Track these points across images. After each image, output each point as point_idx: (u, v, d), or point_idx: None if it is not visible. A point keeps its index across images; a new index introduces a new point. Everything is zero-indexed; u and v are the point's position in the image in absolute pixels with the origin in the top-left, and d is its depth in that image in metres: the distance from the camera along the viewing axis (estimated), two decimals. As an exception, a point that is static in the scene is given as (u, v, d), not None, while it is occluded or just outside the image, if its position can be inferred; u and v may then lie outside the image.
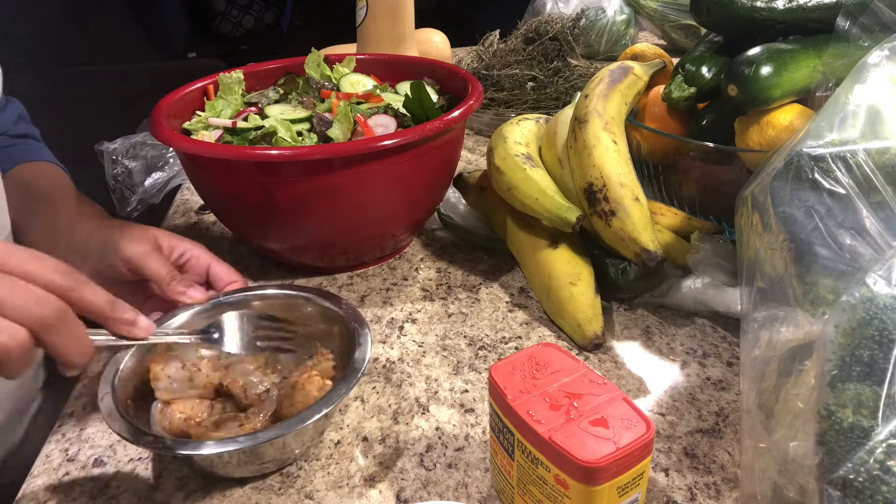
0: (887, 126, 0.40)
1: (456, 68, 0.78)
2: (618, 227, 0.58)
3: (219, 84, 0.77)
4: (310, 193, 0.60)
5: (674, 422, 0.51)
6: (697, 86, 0.67)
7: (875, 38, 0.51)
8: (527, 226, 0.68)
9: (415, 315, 0.64)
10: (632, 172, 0.60)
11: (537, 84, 1.06)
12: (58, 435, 0.52)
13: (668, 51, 0.81)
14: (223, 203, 0.66)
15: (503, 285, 0.69)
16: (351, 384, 0.45)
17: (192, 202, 0.90)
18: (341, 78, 0.80)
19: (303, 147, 0.60)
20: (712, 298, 0.60)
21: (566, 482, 0.36)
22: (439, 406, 0.53)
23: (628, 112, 0.68)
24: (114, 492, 0.47)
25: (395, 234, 0.69)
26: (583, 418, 0.37)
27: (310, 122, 0.69)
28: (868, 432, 0.30)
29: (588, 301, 0.60)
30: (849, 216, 0.38)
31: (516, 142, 0.69)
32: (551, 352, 0.42)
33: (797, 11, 0.62)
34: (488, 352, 0.59)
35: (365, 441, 0.50)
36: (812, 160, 0.40)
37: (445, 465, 0.48)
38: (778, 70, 0.58)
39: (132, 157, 0.93)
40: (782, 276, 0.39)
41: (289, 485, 0.47)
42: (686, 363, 0.57)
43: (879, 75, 0.41)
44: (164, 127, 0.62)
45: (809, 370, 0.34)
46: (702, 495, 0.45)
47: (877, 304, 0.32)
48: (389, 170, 0.61)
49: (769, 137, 0.60)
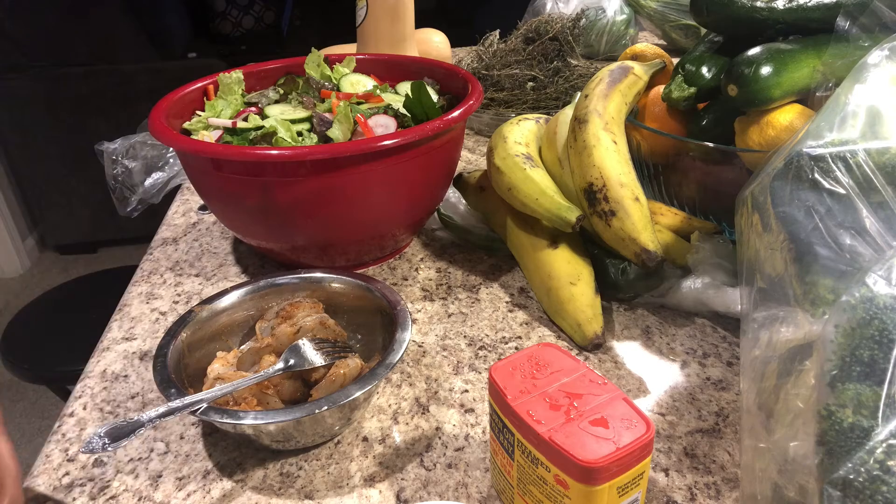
0: (887, 126, 0.40)
1: (456, 68, 0.78)
2: (618, 227, 0.58)
3: (219, 84, 0.77)
4: (310, 193, 0.60)
5: (674, 422, 0.51)
6: (697, 86, 0.67)
7: (875, 38, 0.51)
8: (527, 226, 0.68)
9: (415, 315, 0.64)
10: (632, 172, 0.60)
11: (537, 84, 1.06)
12: (58, 435, 0.52)
13: (668, 51, 0.81)
14: (223, 203, 0.66)
15: (503, 285, 0.69)
16: (390, 365, 0.48)
17: (192, 202, 0.90)
18: (341, 78, 0.80)
19: (303, 147, 0.60)
20: (712, 298, 0.60)
21: (566, 482, 0.36)
22: (439, 406, 0.53)
23: (628, 112, 0.68)
24: (114, 492, 0.47)
25: (395, 234, 0.69)
26: (583, 418, 0.37)
27: (310, 122, 0.69)
28: (868, 432, 0.30)
29: (588, 301, 0.60)
30: (849, 216, 0.38)
31: (516, 142, 0.69)
32: (551, 352, 0.42)
33: (797, 11, 0.62)
34: (488, 352, 0.59)
35: (365, 441, 0.50)
36: (812, 160, 0.40)
37: (445, 465, 0.48)
38: (778, 70, 0.58)
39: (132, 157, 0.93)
40: (782, 276, 0.39)
41: (289, 485, 0.47)
42: (686, 363, 0.57)
43: (879, 75, 0.41)
44: (164, 127, 0.62)
45: (809, 370, 0.34)
46: (702, 495, 0.45)
47: (877, 304, 0.32)
48: (389, 170, 0.61)
49: (769, 137, 0.60)
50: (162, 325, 0.64)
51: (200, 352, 0.54)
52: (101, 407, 0.54)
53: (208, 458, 0.49)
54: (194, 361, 0.53)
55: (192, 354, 0.53)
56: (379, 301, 0.55)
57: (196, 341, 0.53)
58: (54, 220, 2.53)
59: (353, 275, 0.58)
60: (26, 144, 2.36)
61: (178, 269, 0.74)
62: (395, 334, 0.50)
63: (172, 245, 0.79)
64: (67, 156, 2.36)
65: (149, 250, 0.78)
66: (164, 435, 0.51)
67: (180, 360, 0.51)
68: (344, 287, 0.58)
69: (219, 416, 0.44)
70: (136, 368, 0.58)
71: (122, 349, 0.61)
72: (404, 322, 0.52)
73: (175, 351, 0.50)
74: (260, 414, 0.44)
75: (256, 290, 0.57)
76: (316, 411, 0.44)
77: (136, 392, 0.56)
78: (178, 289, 0.70)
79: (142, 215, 0.92)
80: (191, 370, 0.52)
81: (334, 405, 0.44)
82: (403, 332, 0.51)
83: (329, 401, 0.44)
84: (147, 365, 0.59)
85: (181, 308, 0.67)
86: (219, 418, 0.44)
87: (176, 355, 0.50)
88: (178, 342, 0.51)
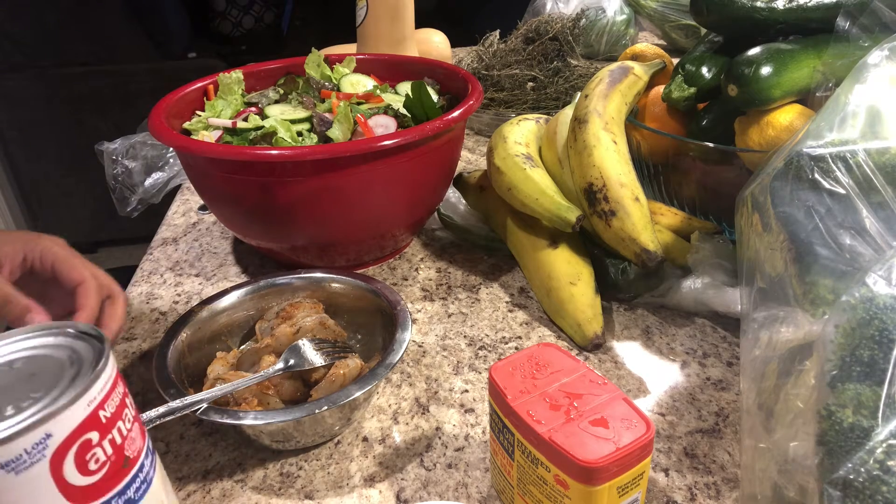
0: (887, 126, 0.40)
1: (456, 68, 0.78)
2: (618, 227, 0.58)
3: (219, 84, 0.77)
4: (310, 193, 0.60)
5: (674, 422, 0.51)
6: (697, 86, 0.67)
7: (875, 38, 0.51)
8: (527, 226, 0.68)
9: (415, 315, 0.64)
10: (632, 172, 0.60)
11: (537, 84, 1.06)
12: (58, 435, 0.51)
13: (668, 51, 0.81)
14: (223, 203, 0.66)
15: (503, 285, 0.69)
16: (390, 365, 0.47)
17: (192, 202, 0.90)
18: (341, 78, 0.80)
19: (303, 147, 0.60)
20: (712, 298, 0.60)
21: (566, 482, 0.36)
22: (439, 406, 0.53)
23: (628, 112, 0.68)
24: (114, 492, 0.47)
25: (395, 234, 0.69)
26: (583, 418, 0.37)
27: (310, 122, 0.69)
28: (868, 432, 0.30)
29: (588, 301, 0.60)
30: (849, 216, 0.38)
31: (516, 142, 0.69)
32: (551, 352, 0.42)
33: (797, 11, 0.62)
34: (488, 352, 0.59)
35: (365, 441, 0.50)
36: (812, 160, 0.40)
37: (445, 465, 0.48)
38: (778, 70, 0.58)
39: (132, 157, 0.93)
40: (782, 276, 0.39)
41: (289, 485, 0.47)
42: (686, 363, 0.57)
43: (879, 75, 0.41)
44: (164, 127, 0.62)
45: (809, 370, 0.34)
46: (702, 495, 0.45)
47: (877, 304, 0.32)
48: (389, 170, 0.61)
49: (769, 137, 0.60)
50: (162, 325, 0.64)
51: (200, 352, 0.54)
52: (101, 407, 0.54)
53: (208, 458, 0.49)
54: (194, 361, 0.53)
55: (192, 354, 0.53)
56: (379, 301, 0.55)
57: (196, 341, 0.53)
58: (54, 220, 2.52)
59: (353, 275, 0.58)
60: (26, 144, 2.36)
61: (178, 269, 0.74)
62: (395, 334, 0.50)
63: (172, 245, 0.79)
64: (67, 156, 2.36)
65: (149, 250, 0.78)
66: (164, 435, 0.51)
67: (180, 360, 0.51)
68: (344, 287, 0.58)
69: (219, 416, 0.44)
70: (136, 368, 0.58)
71: (122, 349, 0.61)
72: (404, 322, 0.52)
73: (175, 351, 0.50)
74: (260, 414, 0.44)
75: (256, 290, 0.57)
76: (316, 411, 0.44)
77: (136, 392, 0.56)
78: (178, 289, 0.70)
79: (142, 215, 0.92)
80: (191, 370, 0.52)
81: (334, 405, 0.44)
82: (403, 332, 0.51)
83: (329, 401, 0.44)
84: (147, 365, 0.59)
85: (181, 308, 0.67)
86: (219, 418, 0.44)
87: (176, 355, 0.50)
88: (178, 342, 0.51)
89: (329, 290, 0.58)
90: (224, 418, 0.44)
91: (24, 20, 2.25)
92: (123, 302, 0.50)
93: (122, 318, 0.49)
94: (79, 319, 0.45)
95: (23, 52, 2.27)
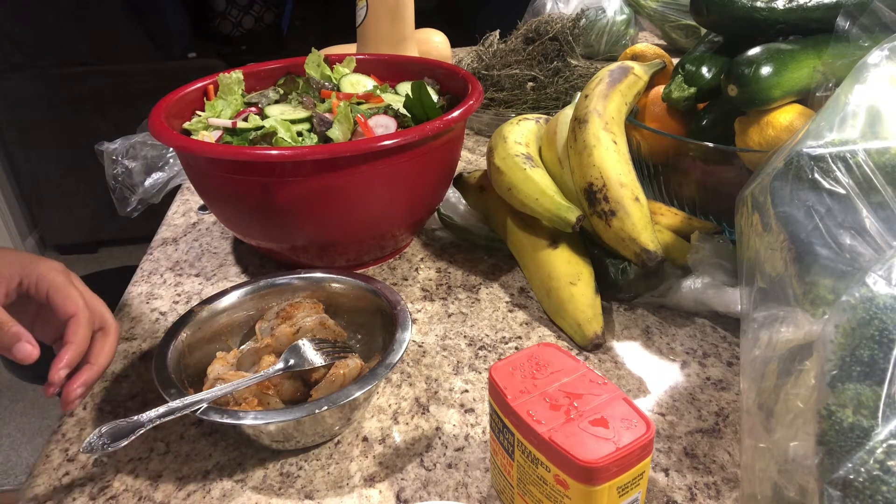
0: (887, 126, 0.40)
1: (456, 68, 0.78)
2: (618, 227, 0.58)
3: (219, 84, 0.77)
4: (310, 193, 0.60)
5: (674, 422, 0.51)
6: (697, 86, 0.67)
7: (875, 38, 0.51)
8: (527, 226, 0.68)
9: (415, 315, 0.64)
10: (632, 172, 0.60)
11: (537, 84, 1.06)
12: (58, 435, 0.52)
13: (668, 51, 0.81)
14: (223, 203, 0.66)
15: (503, 285, 0.69)
16: (390, 366, 0.48)
17: (192, 202, 0.90)
18: (341, 78, 0.80)
19: (303, 147, 0.60)
20: (712, 298, 0.60)
21: (566, 482, 0.36)
22: (439, 406, 0.53)
23: (628, 112, 0.68)
24: (114, 492, 0.47)
25: (395, 234, 0.69)
26: (583, 418, 0.37)
27: (310, 122, 0.69)
28: (868, 432, 0.30)
29: (588, 301, 0.60)
30: (849, 216, 0.38)
31: (516, 142, 0.69)
32: (551, 352, 0.42)
33: (797, 11, 0.62)
34: (488, 352, 0.59)
35: (365, 441, 0.50)
36: (812, 160, 0.40)
37: (445, 465, 0.48)
38: (778, 70, 0.58)
39: (132, 157, 0.93)
40: (782, 276, 0.39)
41: (289, 485, 0.47)
42: (686, 363, 0.57)
43: (879, 75, 0.41)
44: (164, 127, 0.62)
45: (809, 370, 0.34)
46: (702, 495, 0.45)
47: (877, 304, 0.32)
48: (389, 170, 0.61)
49: (769, 137, 0.60)
50: (162, 325, 0.64)
51: (200, 352, 0.54)
52: (101, 407, 0.54)
53: (208, 458, 0.49)
54: (194, 361, 0.53)
55: (192, 354, 0.53)
56: (379, 301, 0.55)
57: (196, 341, 0.53)
58: (54, 220, 2.52)
59: (353, 275, 0.58)
60: (26, 144, 2.36)
61: (178, 269, 0.74)
62: (395, 334, 0.50)
63: (172, 245, 0.79)
64: (67, 156, 2.36)
65: (149, 250, 0.78)
66: (164, 435, 0.51)
67: (180, 360, 0.51)
68: (344, 287, 0.58)
69: (219, 416, 0.44)
70: (136, 368, 0.58)
71: (122, 349, 0.61)
72: (404, 322, 0.52)
73: (175, 351, 0.50)
74: (260, 414, 0.44)
75: (256, 290, 0.57)
76: (316, 411, 0.44)
77: (136, 392, 0.56)
78: (178, 289, 0.70)
79: (142, 215, 0.92)
80: (191, 370, 0.52)
81: (334, 405, 0.44)
82: (403, 332, 0.51)
83: (329, 401, 0.44)
84: (147, 365, 0.59)
85: (181, 308, 0.67)
86: (219, 418, 0.44)
87: (176, 355, 0.50)
88: (178, 342, 0.51)
89: (329, 290, 0.58)
90: (224, 418, 0.44)
91: (24, 20, 2.25)
92: (115, 334, 0.49)
93: (111, 353, 0.48)
94: (66, 355, 0.45)
95: (23, 52, 2.27)
